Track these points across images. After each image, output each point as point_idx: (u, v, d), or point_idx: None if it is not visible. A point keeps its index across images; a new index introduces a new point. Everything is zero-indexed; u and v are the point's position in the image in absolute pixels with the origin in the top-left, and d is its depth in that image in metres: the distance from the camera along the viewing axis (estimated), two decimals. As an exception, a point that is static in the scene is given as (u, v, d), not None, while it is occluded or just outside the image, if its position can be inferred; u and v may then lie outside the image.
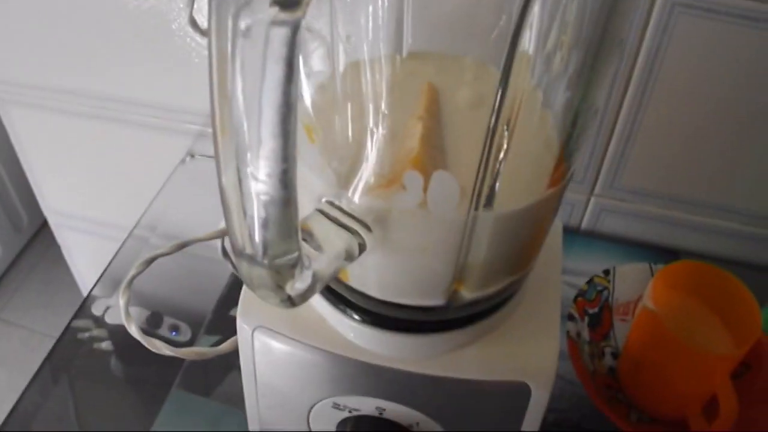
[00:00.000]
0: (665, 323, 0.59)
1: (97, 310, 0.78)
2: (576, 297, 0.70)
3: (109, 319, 0.77)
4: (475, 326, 0.45)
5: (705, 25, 0.68)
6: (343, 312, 0.44)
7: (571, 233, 0.89)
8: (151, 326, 0.77)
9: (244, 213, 0.30)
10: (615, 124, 0.77)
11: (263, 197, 0.29)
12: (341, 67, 0.34)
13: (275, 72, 0.25)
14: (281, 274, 0.32)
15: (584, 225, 0.89)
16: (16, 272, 2.10)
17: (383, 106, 0.34)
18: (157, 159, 1.02)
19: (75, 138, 1.05)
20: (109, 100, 0.98)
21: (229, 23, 0.25)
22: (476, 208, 0.35)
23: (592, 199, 0.85)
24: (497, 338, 0.46)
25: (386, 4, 0.31)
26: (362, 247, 0.36)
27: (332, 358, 0.46)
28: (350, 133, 0.35)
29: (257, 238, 0.31)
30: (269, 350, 0.47)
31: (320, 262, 0.35)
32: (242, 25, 0.24)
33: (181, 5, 0.84)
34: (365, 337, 0.44)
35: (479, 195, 0.34)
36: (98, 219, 1.19)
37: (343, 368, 0.46)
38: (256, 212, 0.29)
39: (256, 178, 0.28)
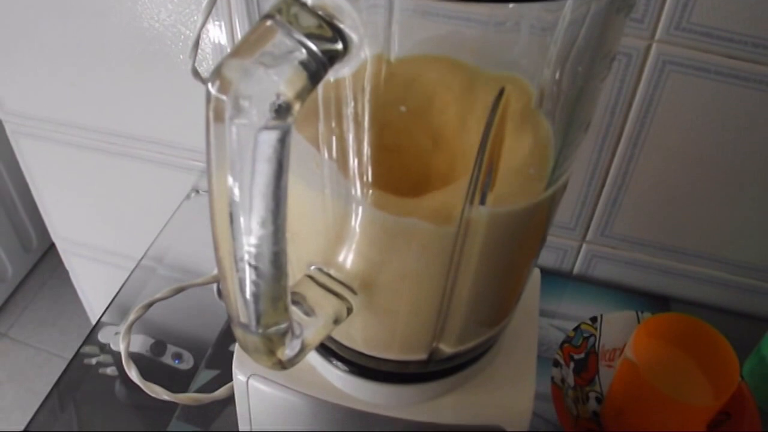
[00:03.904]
0: (644, 374, 0.61)
1: (103, 337, 0.80)
2: (562, 343, 0.72)
3: (115, 346, 0.79)
4: (455, 376, 0.47)
5: (695, 83, 0.69)
6: (332, 362, 0.47)
7: (563, 278, 0.91)
8: (155, 354, 0.78)
9: (239, 287, 0.32)
10: (607, 173, 0.79)
11: (255, 275, 0.31)
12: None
13: (264, 170, 0.28)
14: (273, 341, 0.35)
15: (576, 270, 0.90)
16: (24, 291, 2.11)
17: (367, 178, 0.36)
18: (163, 193, 1.05)
19: (83, 170, 1.08)
20: (116, 136, 1.00)
21: (226, 123, 0.27)
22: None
23: (584, 246, 0.87)
24: (475, 386, 0.49)
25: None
26: (349, 311, 0.39)
27: (321, 404, 0.48)
28: (333, 211, 0.37)
29: (250, 310, 0.33)
30: (263, 397, 0.50)
31: (310, 329, 0.37)
32: (234, 127, 0.27)
33: (182, 56, 0.87)
34: (351, 385, 0.47)
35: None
36: (105, 247, 1.22)
37: (332, 413, 0.49)
38: (249, 288, 0.32)
39: (249, 259, 0.31)
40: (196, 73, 0.60)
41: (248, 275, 0.31)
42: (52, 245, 1.28)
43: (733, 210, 0.79)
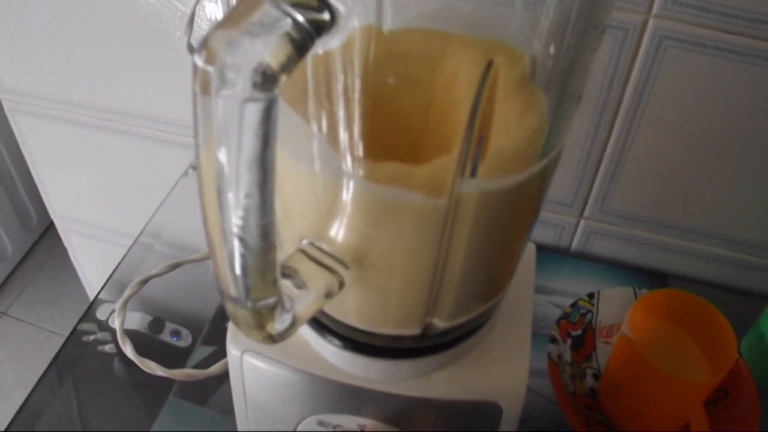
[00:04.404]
0: (641, 350, 0.60)
1: (101, 314, 0.80)
2: (559, 320, 0.72)
3: (113, 323, 0.79)
4: (449, 351, 0.47)
5: (692, 58, 0.69)
6: (325, 338, 0.47)
7: (561, 255, 0.91)
8: (153, 331, 0.78)
9: (228, 261, 0.32)
10: (604, 149, 0.79)
11: (243, 248, 0.31)
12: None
13: (250, 142, 0.28)
14: (262, 315, 0.35)
15: (573, 247, 0.90)
16: (24, 270, 2.12)
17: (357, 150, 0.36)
18: (160, 170, 1.05)
19: (81, 147, 1.08)
20: (114, 113, 1.00)
21: (212, 95, 0.27)
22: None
23: (582, 222, 0.87)
24: (470, 361, 0.49)
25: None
26: (341, 285, 0.39)
27: (315, 379, 0.48)
28: (325, 184, 0.37)
29: (239, 283, 0.33)
30: (257, 372, 0.50)
31: (301, 303, 0.37)
32: (221, 99, 0.27)
33: (179, 33, 0.87)
34: (345, 360, 0.47)
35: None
36: (103, 224, 1.22)
37: (326, 389, 0.49)
38: (238, 260, 0.32)
39: (237, 231, 0.31)
40: (191, 49, 0.59)
41: (236, 248, 0.31)
42: (52, 223, 1.28)
43: (731, 186, 0.79)
